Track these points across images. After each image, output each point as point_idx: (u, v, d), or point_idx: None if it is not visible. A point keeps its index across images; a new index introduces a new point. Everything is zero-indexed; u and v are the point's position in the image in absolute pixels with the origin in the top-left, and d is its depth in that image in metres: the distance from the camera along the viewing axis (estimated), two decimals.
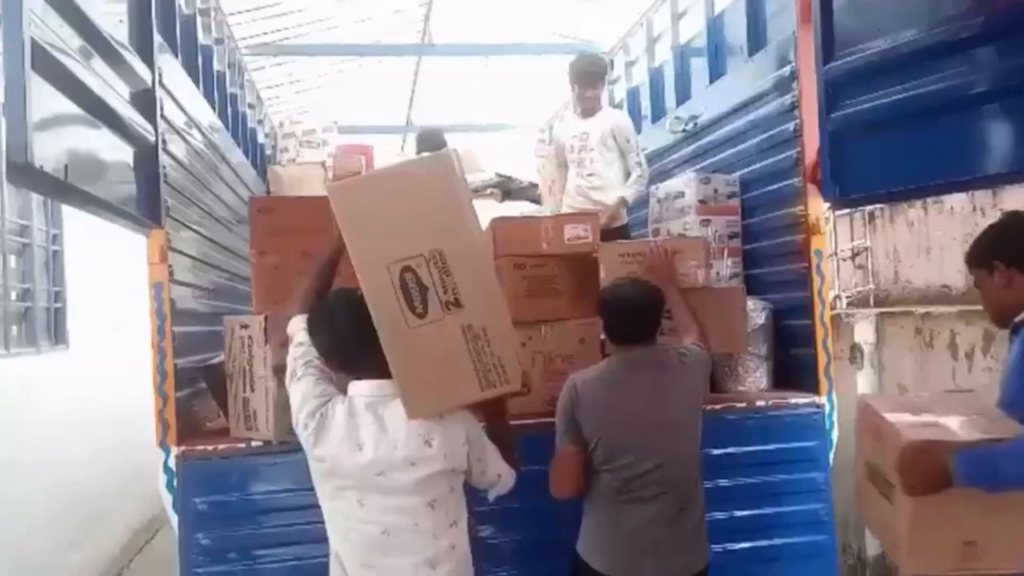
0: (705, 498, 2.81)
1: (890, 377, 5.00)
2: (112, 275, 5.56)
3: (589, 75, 4.80)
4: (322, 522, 3.28)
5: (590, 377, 2.78)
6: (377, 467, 2.20)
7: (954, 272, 4.39)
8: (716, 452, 3.37)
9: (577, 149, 4.84)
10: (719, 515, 3.42)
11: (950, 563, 2.04)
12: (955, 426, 2.07)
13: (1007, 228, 2.22)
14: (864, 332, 5.14)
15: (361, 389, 2.28)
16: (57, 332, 5.53)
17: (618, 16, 6.55)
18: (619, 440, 2.67)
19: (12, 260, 5.02)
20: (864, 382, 5.10)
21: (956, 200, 4.36)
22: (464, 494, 2.37)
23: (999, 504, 1.95)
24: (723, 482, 3.44)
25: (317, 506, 3.26)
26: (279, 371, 2.60)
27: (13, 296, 5.00)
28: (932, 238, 4.60)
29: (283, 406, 3.13)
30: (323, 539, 3.26)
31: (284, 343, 2.48)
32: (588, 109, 4.84)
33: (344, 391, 2.30)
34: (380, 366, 2.21)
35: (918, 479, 1.97)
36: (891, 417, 2.16)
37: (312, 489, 3.28)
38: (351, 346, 2.25)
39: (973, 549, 2.02)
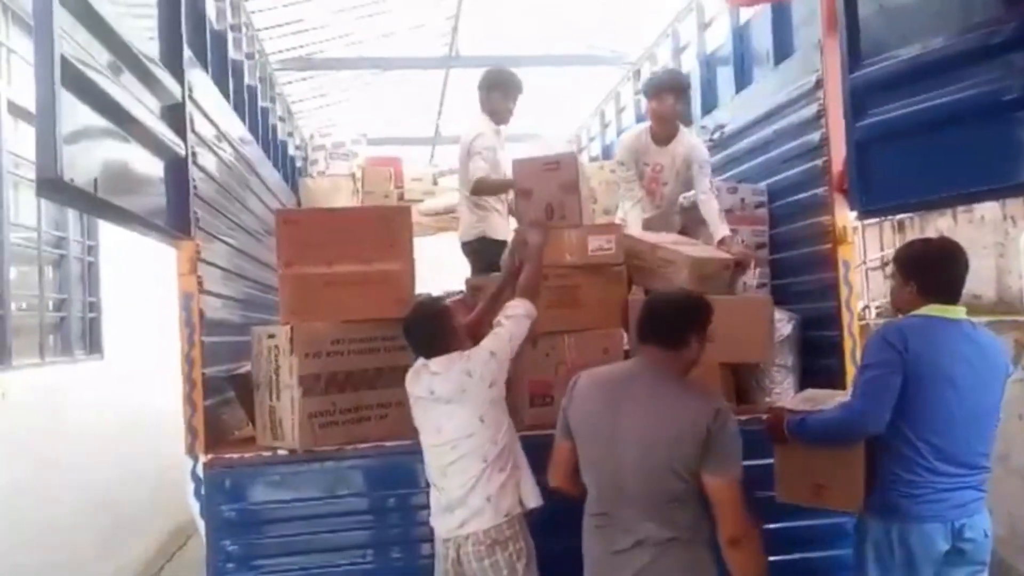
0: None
1: None
2: (146, 285, 5.65)
3: (656, 86, 4.41)
4: (346, 531, 3.32)
5: (594, 375, 2.65)
6: None
7: (985, 281, 4.32)
8: (744, 463, 3.33)
9: (648, 179, 4.50)
10: None
11: (807, 498, 2.86)
12: (816, 404, 2.87)
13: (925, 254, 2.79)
14: None
15: None
16: (92, 342, 5.62)
17: (644, 26, 6.55)
18: (586, 450, 2.54)
19: (48, 271, 5.13)
20: None
21: (987, 208, 4.29)
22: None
23: (839, 459, 2.70)
24: (748, 495, 3.40)
25: (341, 515, 3.31)
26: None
27: (49, 306, 5.10)
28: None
29: (307, 415, 3.18)
30: (347, 547, 3.31)
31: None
32: (663, 134, 4.42)
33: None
34: None
35: (771, 433, 2.92)
36: (790, 403, 3.05)
37: (336, 497, 3.33)
38: None
39: (822, 490, 2.78)
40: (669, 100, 4.35)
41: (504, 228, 4.55)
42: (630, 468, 2.41)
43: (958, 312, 2.67)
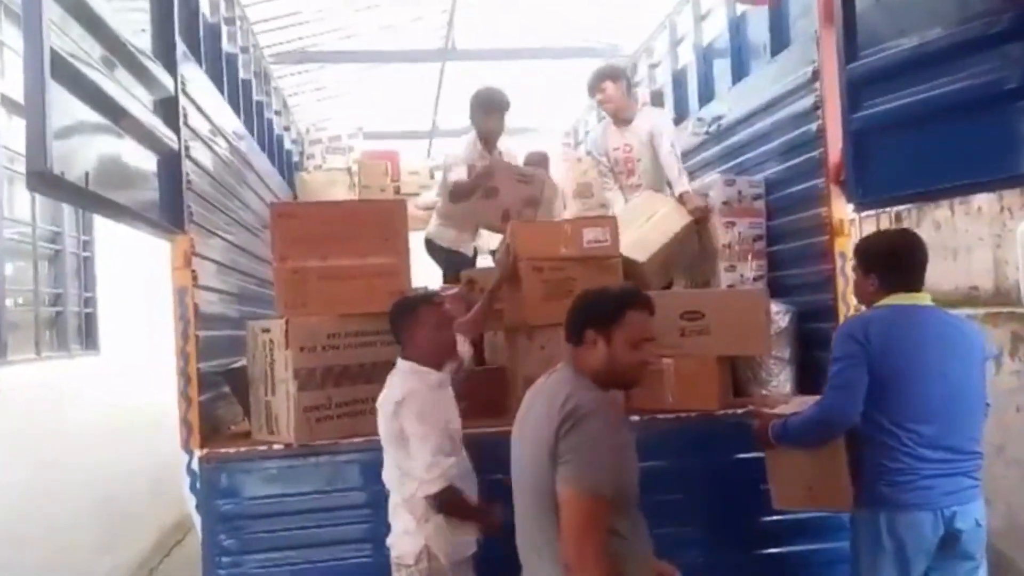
0: (727, 505, 2.65)
1: None
2: (142, 280, 5.63)
3: (592, 80, 4.70)
4: (342, 524, 3.32)
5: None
6: None
7: (982, 272, 4.32)
8: (741, 456, 3.34)
9: (622, 161, 4.76)
10: (743, 521, 3.40)
11: (800, 502, 2.92)
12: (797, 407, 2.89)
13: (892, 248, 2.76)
14: None
15: None
16: (88, 337, 5.61)
17: (641, 18, 6.53)
18: None
19: (44, 266, 5.11)
20: None
21: (983, 200, 4.29)
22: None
23: (822, 458, 2.72)
24: (747, 487, 3.40)
25: (337, 509, 3.31)
26: None
27: (45, 302, 5.08)
28: (959, 238, 4.53)
29: (303, 410, 3.17)
30: (342, 541, 3.31)
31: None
32: (619, 118, 4.73)
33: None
34: None
35: (758, 439, 2.93)
36: (778, 409, 3.02)
37: (331, 492, 3.33)
38: None
39: (812, 492, 2.80)
40: (607, 87, 4.68)
41: (451, 238, 4.97)
42: (514, 478, 2.23)
43: (924, 299, 2.69)
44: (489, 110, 4.72)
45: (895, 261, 2.69)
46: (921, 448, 2.56)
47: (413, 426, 2.70)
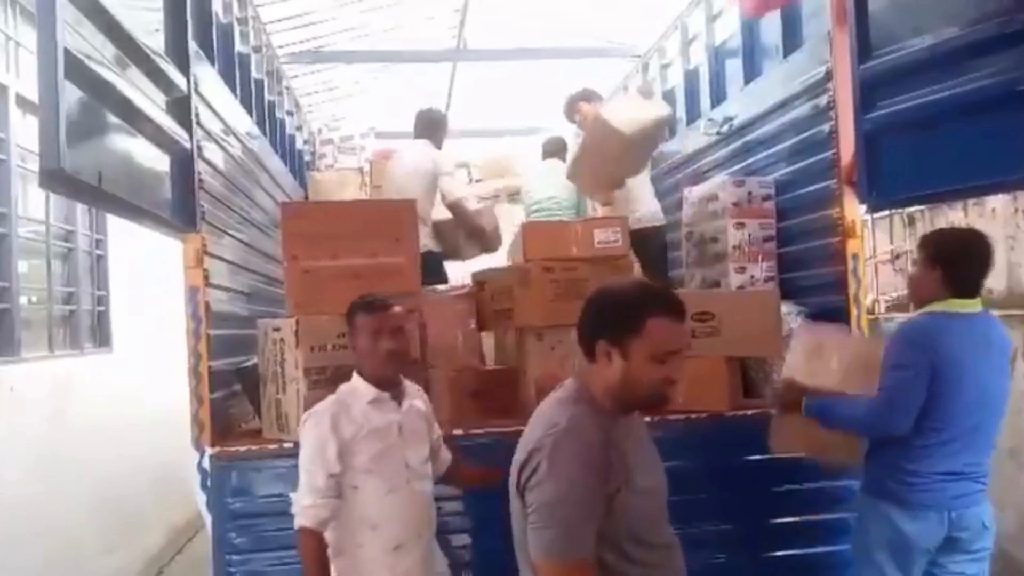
0: (736, 507, 2.66)
1: None
2: (155, 279, 5.67)
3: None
4: None
5: None
6: None
7: (996, 275, 4.28)
8: (751, 458, 3.33)
9: None
10: (753, 523, 3.39)
11: (802, 450, 2.96)
12: (831, 372, 2.86)
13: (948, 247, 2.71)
14: None
15: None
16: (100, 335, 5.65)
17: (653, 19, 6.51)
18: None
19: (57, 264, 5.15)
20: None
21: (997, 201, 4.26)
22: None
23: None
24: (757, 489, 3.40)
25: None
26: None
27: (58, 300, 5.12)
28: None
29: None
30: None
31: None
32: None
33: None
34: None
35: (784, 404, 2.90)
36: (797, 355, 3.01)
37: None
38: None
39: (821, 445, 2.82)
40: (583, 107, 5.12)
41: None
42: None
43: (976, 306, 2.66)
44: (444, 127, 5.38)
45: (967, 260, 2.65)
46: (943, 456, 2.57)
47: (303, 449, 2.57)
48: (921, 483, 2.57)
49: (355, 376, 2.70)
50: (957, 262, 2.64)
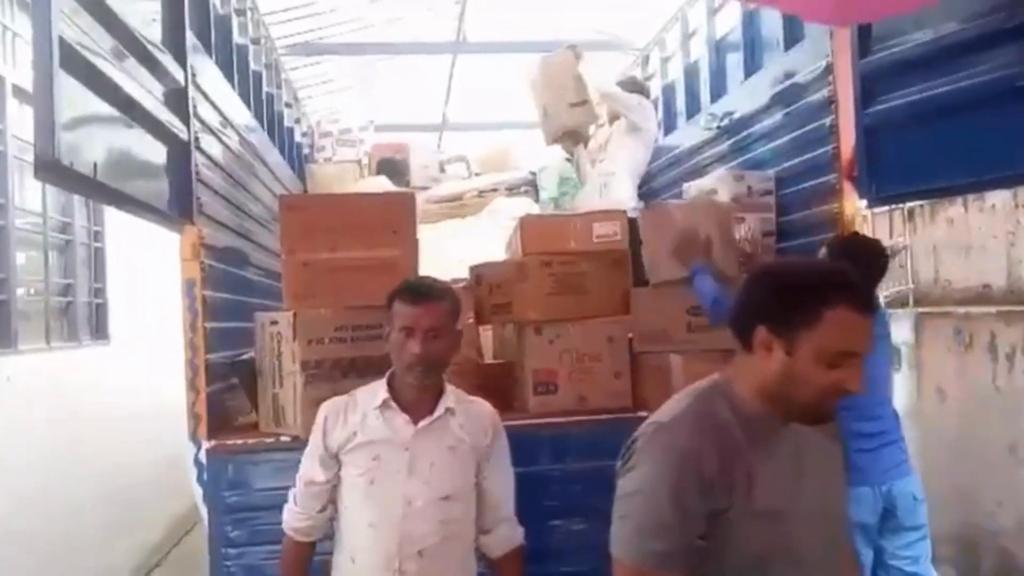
0: None
1: (928, 378, 4.89)
2: (153, 271, 5.65)
3: None
4: None
5: None
6: None
7: (996, 271, 4.28)
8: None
9: None
10: None
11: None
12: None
13: None
14: (902, 332, 5.04)
15: None
16: (98, 327, 5.64)
17: (654, 12, 6.49)
18: None
19: (54, 256, 5.13)
20: (901, 383, 4.99)
21: (998, 197, 4.25)
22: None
23: None
24: None
25: None
26: None
27: (55, 292, 5.11)
28: (973, 236, 4.49)
29: (310, 402, 3.16)
30: None
31: None
32: None
33: None
34: None
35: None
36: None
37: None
38: None
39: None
40: None
41: None
42: None
43: None
44: None
45: (856, 264, 2.90)
46: (856, 423, 2.77)
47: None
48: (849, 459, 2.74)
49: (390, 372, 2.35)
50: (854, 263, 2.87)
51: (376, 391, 2.31)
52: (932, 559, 3.10)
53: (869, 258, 3.04)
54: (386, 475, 2.23)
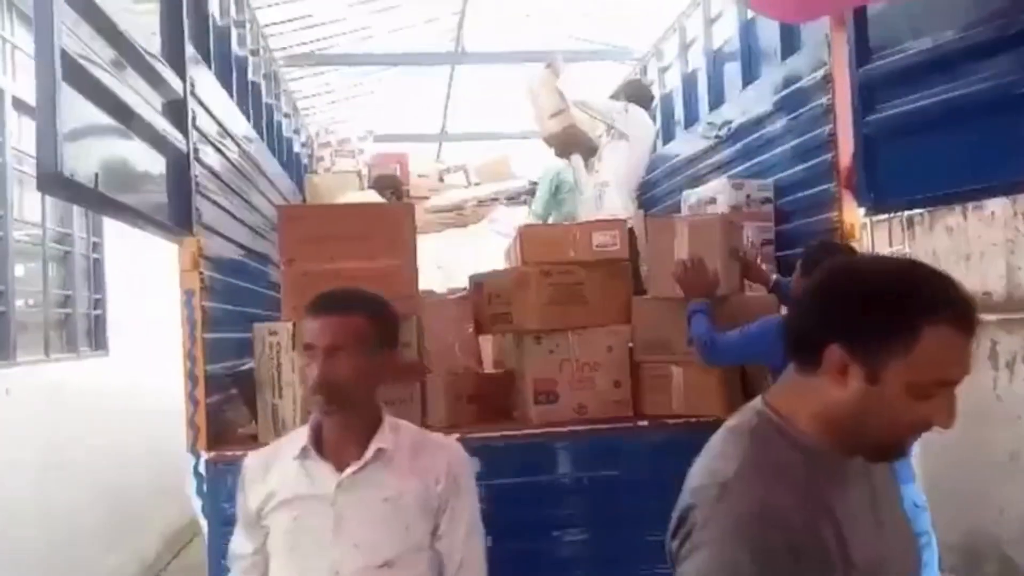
0: None
1: None
2: (151, 282, 5.65)
3: None
4: None
5: None
6: None
7: (995, 279, 4.28)
8: None
9: None
10: None
11: None
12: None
13: None
14: None
15: None
16: (96, 338, 5.63)
17: (651, 22, 6.51)
18: None
19: (53, 267, 5.13)
20: None
21: (997, 205, 4.25)
22: None
23: None
24: None
25: None
26: None
27: (54, 303, 5.10)
28: (972, 244, 4.50)
29: (309, 413, 3.16)
30: None
31: None
32: None
33: None
34: None
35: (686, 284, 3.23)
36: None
37: None
38: None
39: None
40: None
41: None
42: None
43: None
44: None
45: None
46: None
47: None
48: None
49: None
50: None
51: (299, 437, 1.88)
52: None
53: None
54: (308, 539, 1.79)
